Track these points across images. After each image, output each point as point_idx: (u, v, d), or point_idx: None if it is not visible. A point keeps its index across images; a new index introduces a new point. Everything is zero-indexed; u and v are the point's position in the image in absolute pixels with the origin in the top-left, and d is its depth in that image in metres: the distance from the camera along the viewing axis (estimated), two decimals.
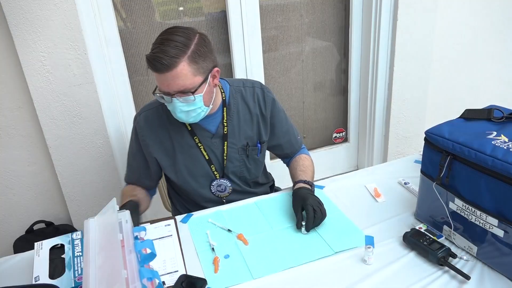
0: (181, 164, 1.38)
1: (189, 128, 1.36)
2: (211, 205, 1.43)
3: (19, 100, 1.76)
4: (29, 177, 1.91)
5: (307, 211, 1.22)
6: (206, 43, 1.21)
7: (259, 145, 1.43)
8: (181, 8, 2.04)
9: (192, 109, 1.22)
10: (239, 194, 1.47)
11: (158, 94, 1.21)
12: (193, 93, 1.18)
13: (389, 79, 2.35)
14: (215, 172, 1.41)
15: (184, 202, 1.51)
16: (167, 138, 1.36)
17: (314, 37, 2.36)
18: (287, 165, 1.57)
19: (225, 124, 1.37)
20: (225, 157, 1.40)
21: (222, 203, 1.45)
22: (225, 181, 1.44)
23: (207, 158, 1.39)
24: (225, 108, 1.36)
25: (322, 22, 2.35)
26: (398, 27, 2.20)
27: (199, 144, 1.37)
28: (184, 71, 1.15)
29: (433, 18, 2.26)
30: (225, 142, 1.38)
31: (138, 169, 1.43)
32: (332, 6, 2.32)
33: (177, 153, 1.37)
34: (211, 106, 1.28)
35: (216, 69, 1.25)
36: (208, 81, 1.22)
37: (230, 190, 1.46)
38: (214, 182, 1.43)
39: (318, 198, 1.28)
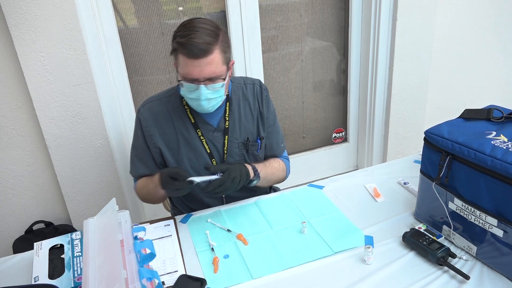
0: (184, 156, 1.39)
1: (193, 121, 1.37)
2: (210, 201, 1.44)
3: (19, 100, 1.76)
4: (29, 177, 1.90)
5: (222, 175, 1.23)
6: (228, 36, 1.27)
7: (259, 141, 1.45)
8: (180, 8, 2.04)
9: (214, 97, 1.25)
10: (238, 190, 1.45)
11: (184, 83, 1.22)
12: (224, 79, 1.23)
13: (388, 79, 2.36)
14: None
15: (184, 199, 1.51)
16: (171, 129, 1.37)
17: (313, 37, 2.37)
18: None
19: (227, 118, 1.39)
20: (225, 151, 1.41)
21: (221, 199, 1.45)
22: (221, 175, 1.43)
23: (208, 151, 1.40)
24: (227, 103, 1.38)
25: (322, 22, 2.35)
26: (398, 27, 2.20)
27: (201, 137, 1.38)
28: (216, 59, 1.19)
29: (433, 18, 2.26)
30: (226, 136, 1.40)
31: (151, 161, 1.41)
32: (331, 6, 2.32)
33: (180, 145, 1.38)
34: (225, 96, 1.32)
35: (232, 61, 1.30)
36: (228, 72, 1.27)
37: None
38: (214, 176, 1.43)
39: (241, 175, 1.27)
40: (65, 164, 1.87)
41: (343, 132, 2.67)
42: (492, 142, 0.99)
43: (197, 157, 1.39)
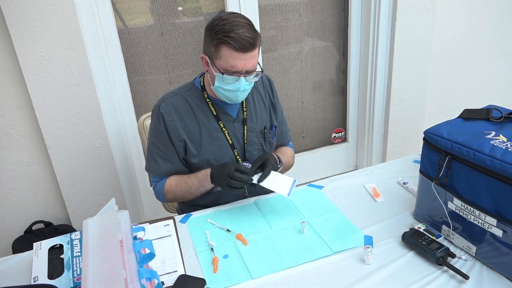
0: (207, 148, 1.39)
1: (215, 113, 1.40)
2: (228, 197, 1.43)
3: (18, 100, 1.75)
4: (28, 177, 1.90)
5: (266, 167, 1.31)
6: None
7: (274, 129, 1.52)
8: (180, 8, 2.04)
9: (248, 88, 1.32)
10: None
11: (225, 75, 1.25)
12: (262, 71, 1.31)
13: (388, 79, 2.36)
14: (238, 157, 1.44)
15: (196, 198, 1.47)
16: (194, 122, 1.38)
17: (313, 37, 2.37)
18: None
19: (244, 109, 1.44)
20: (245, 141, 1.44)
21: (243, 194, 1.46)
22: (247, 163, 1.46)
23: (230, 142, 1.42)
24: None
25: (321, 22, 2.35)
26: (397, 27, 2.20)
27: (224, 129, 1.41)
28: (257, 53, 1.27)
29: (432, 18, 2.26)
30: (245, 126, 1.44)
31: (176, 158, 1.40)
32: (331, 6, 2.33)
33: (203, 137, 1.39)
34: None
35: None
36: None
37: None
38: (246, 163, 1.45)
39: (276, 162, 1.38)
40: (64, 164, 1.87)
41: (343, 132, 2.67)
42: (491, 142, 0.99)
43: (220, 149, 1.41)
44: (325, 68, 2.47)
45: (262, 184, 1.29)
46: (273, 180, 1.31)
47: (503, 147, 0.96)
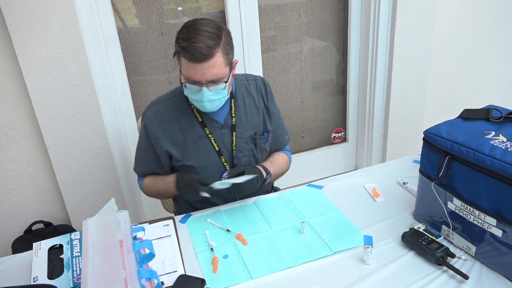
0: (192, 155, 1.39)
1: (200, 120, 1.38)
2: (218, 200, 1.44)
3: (18, 100, 1.75)
4: (28, 177, 1.90)
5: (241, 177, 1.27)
6: (231, 36, 1.28)
7: (265, 133, 1.48)
8: (180, 8, 2.04)
9: (217, 98, 1.27)
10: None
11: (187, 85, 1.24)
12: (225, 82, 1.24)
13: (387, 79, 2.36)
14: (225, 163, 1.42)
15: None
16: (178, 131, 1.38)
17: (312, 37, 2.37)
18: None
19: (233, 115, 1.41)
20: (234, 148, 1.42)
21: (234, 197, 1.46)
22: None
23: (217, 149, 1.40)
24: (232, 100, 1.40)
25: (321, 22, 2.35)
26: (397, 27, 2.20)
27: (210, 135, 1.39)
28: (219, 61, 1.20)
29: (432, 19, 2.26)
30: (234, 133, 1.41)
31: (151, 161, 1.44)
32: (330, 6, 2.33)
33: (188, 145, 1.38)
34: (228, 95, 1.34)
35: (235, 60, 1.31)
36: (231, 72, 1.29)
37: None
38: (225, 173, 1.43)
39: (257, 178, 1.32)
40: (64, 164, 1.87)
41: (343, 132, 2.67)
42: (491, 142, 0.99)
43: (205, 156, 1.40)
44: (325, 68, 2.47)
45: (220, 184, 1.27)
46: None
47: (503, 147, 0.96)
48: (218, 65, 1.20)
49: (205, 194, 1.26)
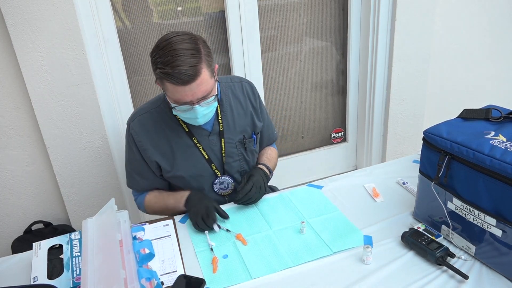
0: (181, 166, 1.37)
1: (187, 130, 1.36)
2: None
3: (17, 100, 1.75)
4: (28, 177, 1.90)
5: (246, 185, 1.32)
6: (207, 44, 1.22)
7: (254, 136, 1.47)
8: (179, 8, 2.04)
9: (210, 111, 1.25)
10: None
11: (176, 107, 1.20)
12: (215, 94, 1.22)
13: (387, 79, 2.36)
14: (216, 171, 1.41)
15: None
16: (165, 141, 1.35)
17: (312, 37, 2.37)
18: None
19: (220, 121, 1.38)
20: (223, 154, 1.40)
21: (225, 202, 1.45)
22: (227, 178, 1.44)
23: (206, 157, 1.39)
24: (218, 105, 1.37)
25: (321, 22, 2.35)
26: (397, 27, 2.20)
27: (198, 144, 1.37)
28: (205, 76, 1.16)
29: (432, 18, 2.26)
30: (222, 139, 1.39)
31: (151, 174, 1.41)
32: (330, 6, 2.33)
33: (176, 155, 1.36)
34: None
35: (216, 66, 1.27)
36: (215, 79, 1.26)
37: (233, 187, 1.47)
38: (217, 181, 1.43)
39: (265, 181, 1.38)
40: (64, 164, 1.87)
41: (342, 132, 2.67)
42: (491, 142, 0.99)
43: (195, 165, 1.38)
44: (325, 68, 2.47)
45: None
46: None
47: (503, 147, 0.96)
48: (206, 80, 1.16)
49: (217, 229, 1.27)
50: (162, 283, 1.08)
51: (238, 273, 1.11)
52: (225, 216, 1.29)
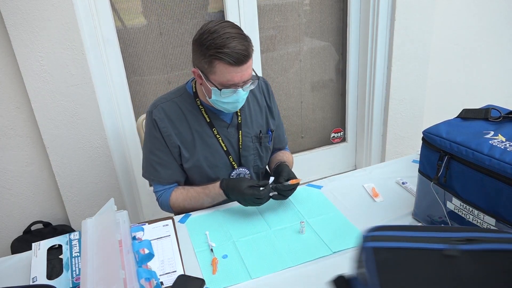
0: (201, 155, 1.38)
1: (208, 120, 1.38)
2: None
3: (17, 100, 1.75)
4: (27, 177, 1.90)
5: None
6: None
7: (270, 132, 1.49)
8: (179, 8, 2.04)
9: (246, 97, 1.30)
10: None
11: (223, 90, 1.22)
12: (258, 78, 1.29)
13: (387, 79, 2.36)
14: (233, 162, 1.43)
15: None
16: (187, 129, 1.37)
17: (312, 37, 2.37)
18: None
19: (239, 114, 1.42)
20: (240, 146, 1.43)
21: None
22: (243, 169, 1.46)
23: (225, 149, 1.41)
24: None
25: (320, 22, 2.35)
26: (396, 27, 2.20)
27: (217, 135, 1.39)
28: (251, 61, 1.23)
29: (431, 18, 2.26)
30: (240, 131, 1.42)
31: (174, 164, 1.39)
32: (329, 6, 2.33)
33: (196, 144, 1.38)
34: None
35: None
36: None
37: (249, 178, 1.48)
38: (234, 172, 1.44)
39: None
40: (63, 164, 1.87)
41: (342, 132, 2.67)
42: (490, 141, 0.99)
43: (213, 155, 1.40)
44: (324, 68, 2.47)
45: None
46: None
47: (502, 147, 0.96)
48: (251, 65, 1.23)
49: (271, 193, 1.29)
50: (161, 283, 1.08)
51: (237, 273, 1.11)
52: (262, 185, 1.30)
